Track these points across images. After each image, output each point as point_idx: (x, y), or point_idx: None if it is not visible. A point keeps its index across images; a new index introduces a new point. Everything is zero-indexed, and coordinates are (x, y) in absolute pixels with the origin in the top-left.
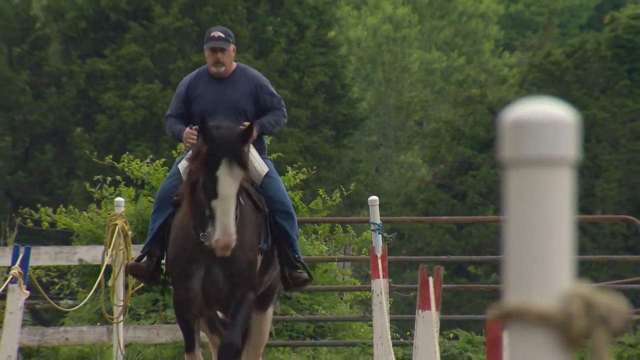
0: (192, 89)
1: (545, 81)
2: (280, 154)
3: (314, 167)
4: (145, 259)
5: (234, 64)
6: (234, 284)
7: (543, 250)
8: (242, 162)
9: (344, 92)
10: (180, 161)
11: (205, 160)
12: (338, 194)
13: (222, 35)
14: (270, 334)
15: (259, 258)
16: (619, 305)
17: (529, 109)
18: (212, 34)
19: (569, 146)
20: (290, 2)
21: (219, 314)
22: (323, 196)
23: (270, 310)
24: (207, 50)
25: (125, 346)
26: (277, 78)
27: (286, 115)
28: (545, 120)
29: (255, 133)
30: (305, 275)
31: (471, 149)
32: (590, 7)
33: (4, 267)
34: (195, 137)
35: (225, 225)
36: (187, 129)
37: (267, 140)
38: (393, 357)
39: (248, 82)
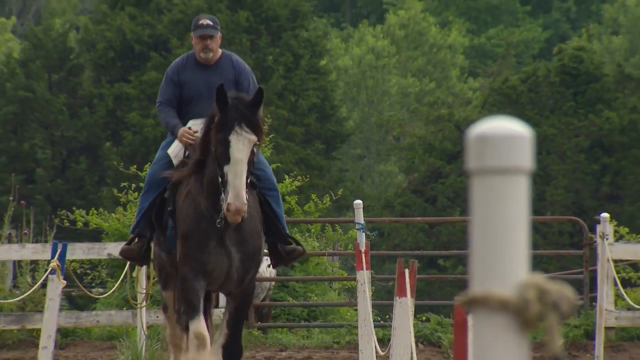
0: (181, 74)
1: (504, 103)
2: (279, 164)
3: (307, 176)
4: (136, 240)
5: (219, 51)
6: (245, 267)
7: (503, 246)
8: (255, 126)
9: (333, 112)
10: (165, 146)
11: (218, 126)
12: (328, 199)
13: (211, 23)
14: (271, 316)
15: None
16: (567, 293)
17: (491, 126)
18: (200, 22)
19: (525, 158)
20: (287, 36)
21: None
22: (315, 200)
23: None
24: (196, 37)
25: (147, 327)
26: (276, 100)
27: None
28: (505, 136)
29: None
30: (300, 248)
31: (440, 160)
32: (541, 40)
33: (45, 260)
34: (193, 137)
35: (237, 189)
36: (185, 128)
37: (267, 152)
38: (374, 336)
39: (232, 68)
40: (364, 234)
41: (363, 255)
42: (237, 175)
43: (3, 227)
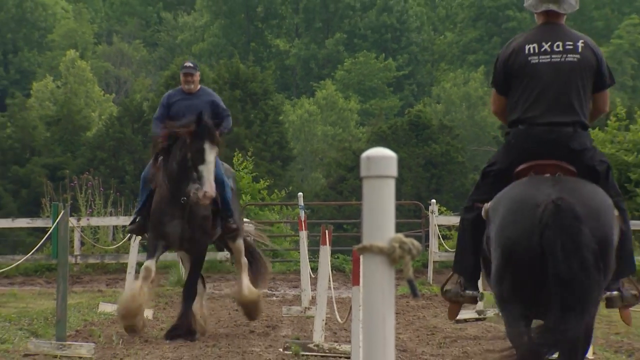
0: (171, 100)
1: (380, 140)
2: (257, 173)
3: (273, 179)
4: (138, 219)
5: (199, 86)
6: (193, 230)
7: (380, 218)
8: (217, 141)
9: (286, 144)
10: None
11: (192, 139)
12: (284, 192)
13: (192, 65)
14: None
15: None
16: (416, 244)
17: (373, 152)
18: (185, 64)
19: (392, 169)
20: (261, 103)
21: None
22: (277, 192)
23: (240, 241)
24: (182, 74)
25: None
26: (255, 138)
27: (230, 117)
28: (381, 157)
29: (223, 126)
30: (234, 227)
31: (345, 171)
32: (398, 106)
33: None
34: (164, 142)
35: (211, 182)
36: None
37: (250, 166)
38: (309, 266)
39: (207, 97)
40: (303, 211)
41: (303, 222)
42: (209, 172)
43: (107, 207)
